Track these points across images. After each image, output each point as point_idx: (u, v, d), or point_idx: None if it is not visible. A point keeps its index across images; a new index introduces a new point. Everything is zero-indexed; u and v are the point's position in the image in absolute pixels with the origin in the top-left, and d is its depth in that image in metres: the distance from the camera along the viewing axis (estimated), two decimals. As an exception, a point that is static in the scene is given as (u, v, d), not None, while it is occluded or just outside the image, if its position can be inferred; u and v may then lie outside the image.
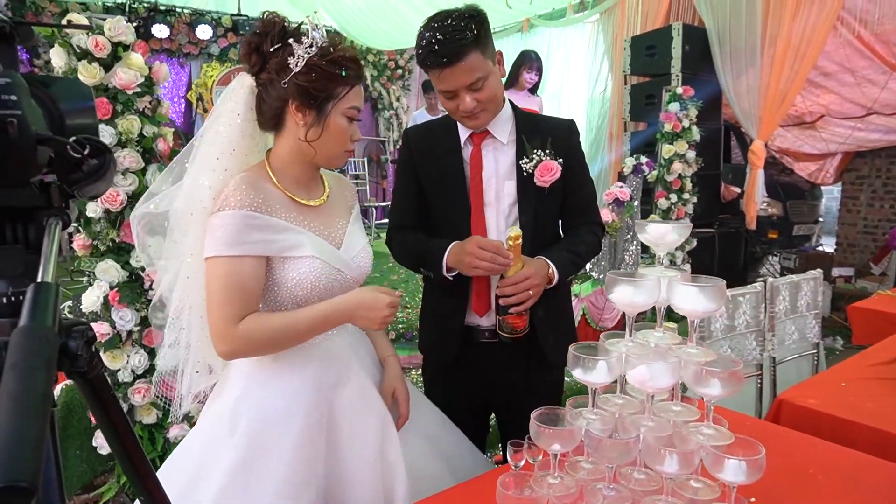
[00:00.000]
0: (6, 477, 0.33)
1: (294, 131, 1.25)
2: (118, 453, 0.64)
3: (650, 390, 0.97)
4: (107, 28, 2.31)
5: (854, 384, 1.82)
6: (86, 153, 0.51)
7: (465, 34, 1.37)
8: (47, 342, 0.41)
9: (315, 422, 1.23)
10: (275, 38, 1.20)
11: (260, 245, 1.19)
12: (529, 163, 1.51)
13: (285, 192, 1.26)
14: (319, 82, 1.21)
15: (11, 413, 0.35)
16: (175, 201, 1.23)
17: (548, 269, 1.45)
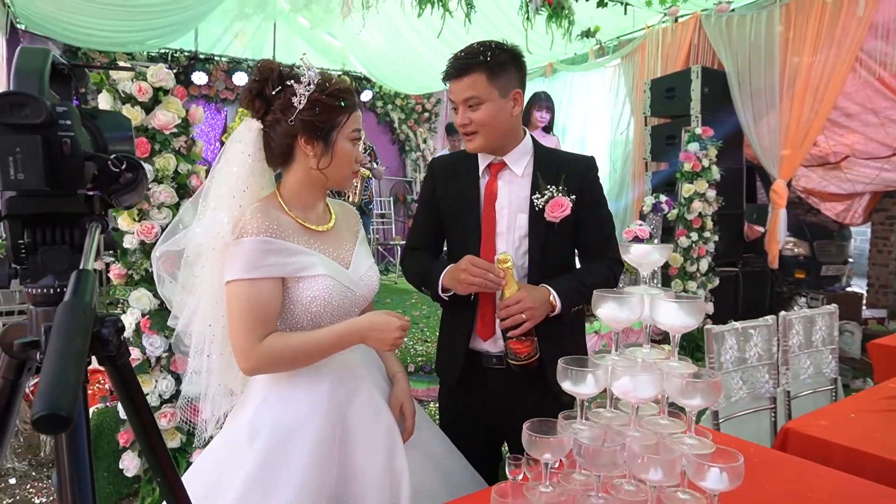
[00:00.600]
0: (50, 407, 0.42)
1: (304, 163, 1.36)
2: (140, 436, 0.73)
3: (634, 401, 1.02)
4: (149, 74, 2.51)
5: (863, 416, 1.82)
6: (123, 168, 0.62)
7: (478, 57, 1.52)
8: (85, 314, 0.50)
9: (329, 431, 1.31)
10: (275, 81, 1.31)
11: (276, 267, 1.29)
12: (541, 198, 1.58)
13: (296, 219, 1.37)
14: (323, 115, 1.32)
15: (55, 364, 0.45)
16: (195, 237, 1.32)
17: (549, 295, 1.51)
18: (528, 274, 1.61)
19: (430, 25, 4.86)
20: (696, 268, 4.66)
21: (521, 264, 1.61)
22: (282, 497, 1.22)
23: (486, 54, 1.53)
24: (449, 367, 1.71)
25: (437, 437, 1.56)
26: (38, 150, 0.54)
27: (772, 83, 5.12)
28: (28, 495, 2.92)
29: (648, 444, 1.01)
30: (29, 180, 0.54)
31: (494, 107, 1.56)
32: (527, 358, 1.50)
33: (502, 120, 1.58)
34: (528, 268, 1.60)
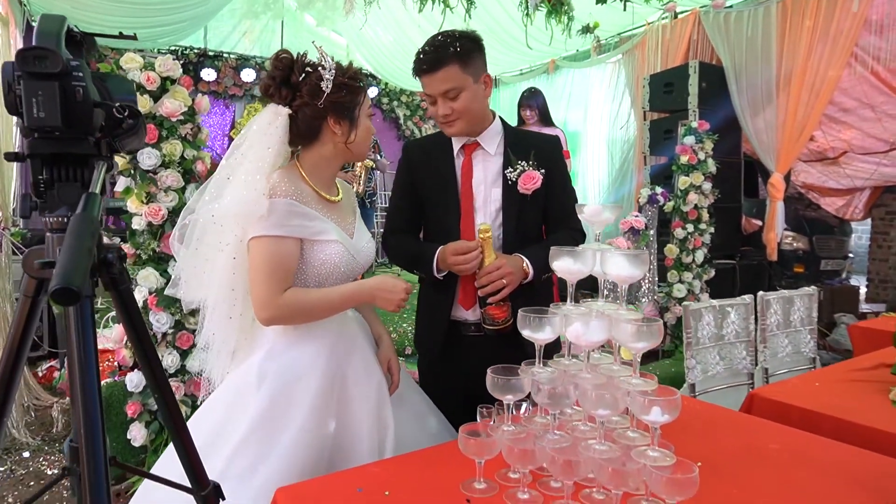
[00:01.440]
0: (64, 281, 0.53)
1: (331, 140, 1.50)
2: (140, 357, 0.85)
3: (585, 344, 1.13)
4: (157, 64, 2.64)
5: (827, 385, 1.91)
6: (126, 115, 0.74)
7: (448, 49, 1.61)
8: (93, 222, 0.62)
9: (329, 381, 1.44)
10: (299, 69, 1.45)
11: (299, 228, 1.42)
12: (513, 172, 1.71)
13: (314, 188, 1.50)
14: (349, 96, 1.46)
15: (69, 254, 0.56)
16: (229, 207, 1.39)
17: (522, 262, 1.63)
18: (502, 244, 1.72)
19: (432, 20, 4.98)
20: (692, 259, 4.74)
21: (496, 235, 1.72)
22: (285, 437, 1.35)
23: (456, 45, 1.62)
24: (430, 338, 1.82)
25: (418, 395, 1.68)
26: (56, 95, 0.67)
27: (769, 78, 5.20)
28: (41, 467, 3.07)
29: (599, 383, 1.12)
30: (48, 119, 0.66)
31: (471, 93, 1.66)
32: (503, 322, 1.62)
33: (478, 104, 1.69)
34: (503, 238, 1.72)
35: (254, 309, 1.42)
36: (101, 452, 0.68)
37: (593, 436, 1.15)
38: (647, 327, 1.08)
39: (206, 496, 0.98)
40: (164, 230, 2.66)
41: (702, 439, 1.43)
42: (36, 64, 0.65)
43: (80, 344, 0.67)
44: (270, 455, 1.33)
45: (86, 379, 0.67)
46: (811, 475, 1.27)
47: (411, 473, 1.26)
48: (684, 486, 1.00)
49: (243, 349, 1.52)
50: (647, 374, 1.14)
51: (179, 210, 2.72)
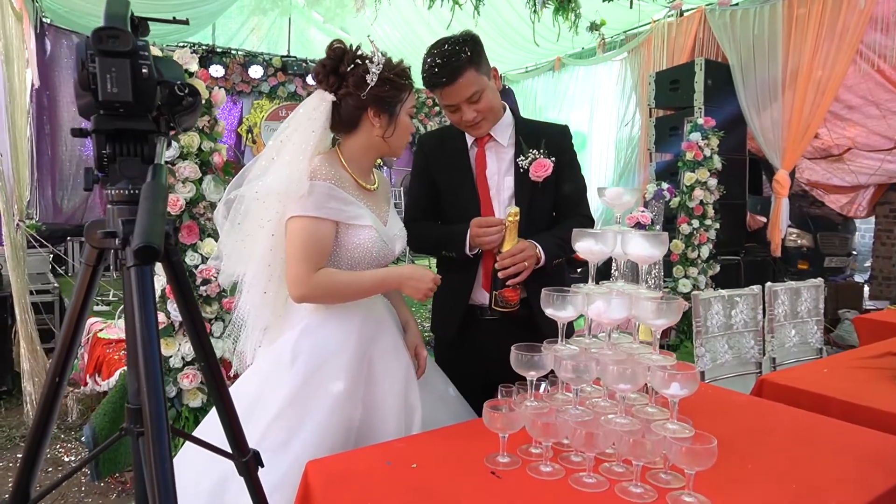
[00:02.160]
0: (146, 239, 0.58)
1: (369, 131, 1.54)
2: (189, 327, 0.90)
3: (607, 322, 1.18)
4: (175, 56, 2.69)
5: (836, 371, 1.96)
6: (186, 92, 0.78)
7: (460, 56, 1.62)
8: (163, 189, 0.67)
9: (359, 361, 1.49)
10: (349, 60, 1.50)
11: (336, 212, 1.47)
12: (525, 160, 1.76)
13: (352, 175, 1.56)
14: (392, 91, 1.51)
15: (146, 214, 0.61)
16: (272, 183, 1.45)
17: (535, 249, 1.67)
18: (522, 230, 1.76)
19: (441, 19, 5.02)
20: (697, 254, 4.78)
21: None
22: (317, 414, 1.40)
23: (465, 49, 1.63)
24: (448, 321, 1.86)
25: (442, 379, 1.73)
26: (127, 71, 0.71)
27: (774, 75, 5.23)
28: (58, 454, 3.12)
29: (619, 359, 1.16)
30: (121, 94, 0.71)
31: (490, 92, 1.71)
32: (514, 305, 1.66)
33: (496, 99, 1.74)
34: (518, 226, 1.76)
35: (287, 285, 1.47)
36: (163, 412, 0.72)
37: (614, 410, 1.20)
38: (666, 304, 1.13)
39: (246, 462, 1.02)
40: (181, 220, 2.71)
41: (715, 420, 1.47)
42: (109, 42, 0.70)
43: (143, 306, 0.72)
44: (302, 430, 1.38)
45: (147, 340, 0.72)
46: (820, 453, 1.32)
47: (437, 448, 1.30)
48: (703, 457, 1.05)
49: (275, 328, 1.57)
50: (665, 352, 1.19)
51: (197, 201, 2.78)
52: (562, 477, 1.16)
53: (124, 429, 0.85)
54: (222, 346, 2.83)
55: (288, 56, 7.84)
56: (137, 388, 0.79)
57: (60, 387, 0.84)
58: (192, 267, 2.73)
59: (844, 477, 1.20)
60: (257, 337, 1.56)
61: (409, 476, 1.19)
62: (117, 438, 0.85)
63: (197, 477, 1.38)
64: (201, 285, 2.74)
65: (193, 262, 2.73)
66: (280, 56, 7.80)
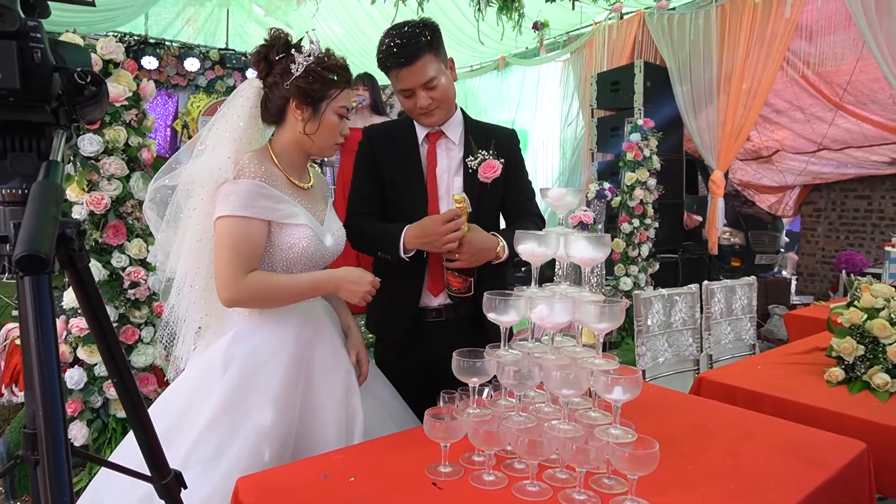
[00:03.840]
0: (30, 248, 0.51)
1: (294, 125, 1.48)
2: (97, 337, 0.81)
3: (550, 326, 1.16)
4: (99, 47, 2.53)
5: (768, 368, 2.01)
6: (88, 80, 0.70)
7: (420, 39, 1.60)
8: (57, 189, 0.59)
9: (296, 366, 1.42)
10: (279, 48, 1.45)
11: (266, 210, 1.40)
12: (474, 161, 1.73)
13: (284, 173, 1.49)
14: (315, 85, 1.44)
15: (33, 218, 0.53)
16: (195, 172, 1.41)
17: (497, 243, 1.64)
18: None
19: (385, 13, 4.95)
20: (638, 253, 4.89)
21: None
22: (250, 423, 1.32)
23: (426, 33, 1.61)
24: (395, 324, 1.80)
25: (383, 383, 1.68)
26: (14, 54, 0.63)
27: (710, 79, 5.41)
28: None
29: (562, 364, 1.14)
30: (5, 80, 0.63)
31: (445, 79, 1.68)
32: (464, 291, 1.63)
33: (451, 89, 1.71)
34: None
35: (217, 289, 1.39)
36: (61, 438, 0.64)
37: (557, 416, 1.18)
38: (609, 308, 1.11)
39: (166, 485, 0.94)
40: (106, 220, 2.55)
41: (657, 420, 1.48)
42: (-10, 22, 0.61)
43: (38, 321, 0.63)
44: (235, 441, 1.30)
45: (44, 359, 0.64)
46: (757, 450, 1.34)
47: (376, 459, 1.25)
48: (645, 462, 1.04)
49: (211, 329, 1.49)
50: (608, 355, 1.18)
51: (123, 199, 2.62)
52: (505, 486, 1.13)
53: (20, 456, 0.76)
54: (153, 352, 2.69)
55: (226, 49, 7.56)
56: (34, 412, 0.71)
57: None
58: (120, 269, 2.57)
59: (781, 473, 1.22)
60: (191, 340, 1.47)
61: (346, 490, 1.14)
62: (12, 467, 0.76)
63: (120, 498, 1.28)
64: (129, 288, 2.59)
65: (120, 265, 2.57)
66: (218, 49, 7.52)
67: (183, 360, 1.49)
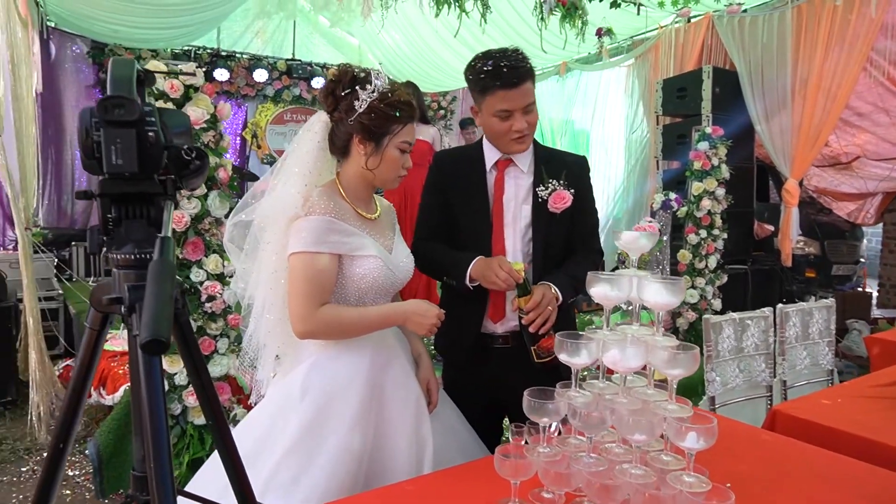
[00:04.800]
0: (154, 333, 0.56)
1: (357, 159, 1.53)
2: (196, 386, 0.87)
3: (622, 370, 1.15)
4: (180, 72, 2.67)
5: (849, 401, 1.93)
6: (193, 156, 0.76)
7: (527, 64, 1.67)
8: (171, 266, 0.64)
9: (369, 393, 1.48)
10: (345, 84, 1.50)
11: (337, 245, 1.46)
12: (545, 191, 1.73)
13: (352, 205, 1.54)
14: (378, 121, 1.49)
15: (154, 301, 0.59)
16: (266, 209, 1.49)
17: (552, 290, 1.65)
18: (532, 260, 1.75)
19: (448, 25, 4.98)
20: (705, 264, 4.74)
21: (526, 252, 1.75)
22: (327, 450, 1.38)
23: (527, 60, 1.67)
24: (458, 348, 1.84)
25: (452, 411, 1.71)
26: (133, 142, 0.69)
27: (783, 83, 5.18)
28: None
29: (635, 408, 1.14)
30: (126, 165, 0.69)
31: (536, 108, 1.72)
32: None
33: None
34: (532, 254, 1.75)
35: (291, 321, 1.46)
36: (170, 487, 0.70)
37: (628, 458, 1.17)
38: (683, 354, 1.10)
39: (253, 517, 1.00)
40: (186, 237, 2.69)
41: (728, 458, 1.45)
42: (115, 112, 0.68)
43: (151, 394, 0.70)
44: (312, 467, 1.36)
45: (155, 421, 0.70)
46: (835, 496, 1.29)
47: (447, 491, 1.28)
48: (720, 513, 1.02)
49: (288, 357, 1.56)
50: (681, 399, 1.16)
51: (202, 217, 2.76)
52: (575, 527, 1.14)
53: (130, 496, 0.82)
54: (227, 362, 2.82)
55: (293, 59, 7.81)
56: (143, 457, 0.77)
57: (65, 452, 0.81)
58: (197, 283, 2.71)
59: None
60: (271, 366, 1.55)
61: (418, 524, 1.17)
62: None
63: None
64: (206, 302, 2.72)
65: (198, 279, 2.71)
66: (285, 59, 7.77)
67: (264, 385, 1.57)
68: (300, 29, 7.57)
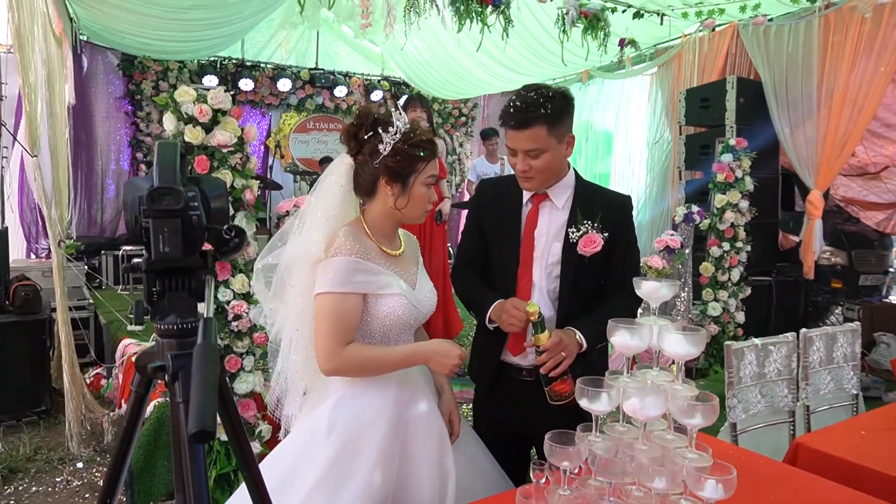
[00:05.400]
0: (201, 425, 0.60)
1: (384, 199, 1.57)
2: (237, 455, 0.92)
3: (642, 418, 1.17)
4: (210, 97, 2.74)
5: (873, 433, 1.91)
6: (233, 235, 0.81)
7: (539, 109, 1.61)
8: (214, 350, 0.69)
9: (393, 429, 1.52)
10: (367, 127, 1.54)
11: (362, 285, 1.50)
12: (576, 233, 1.72)
13: (377, 243, 1.58)
14: (403, 162, 1.53)
15: (199, 391, 0.63)
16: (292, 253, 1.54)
17: (576, 336, 1.66)
18: (558, 299, 1.75)
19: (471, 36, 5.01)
20: (728, 277, 4.71)
21: (552, 288, 1.75)
22: (353, 484, 1.42)
23: (546, 105, 1.61)
24: (482, 373, 1.89)
25: (474, 441, 1.75)
26: (179, 230, 0.74)
27: (809, 93, 5.12)
28: (94, 479, 3.20)
29: (654, 456, 1.16)
30: (172, 252, 0.74)
31: (552, 154, 1.67)
32: (569, 396, 1.62)
33: (557, 164, 1.71)
34: (559, 293, 1.75)
35: (317, 359, 1.50)
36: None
37: (648, 503, 1.19)
38: (702, 406, 1.12)
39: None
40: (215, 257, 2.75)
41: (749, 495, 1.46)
42: (162, 201, 0.72)
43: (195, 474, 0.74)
44: (339, 502, 1.40)
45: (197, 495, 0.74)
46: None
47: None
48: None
49: (315, 393, 1.61)
50: (701, 447, 1.18)
51: (229, 237, 2.82)
52: (595, 572, 1.16)
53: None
54: (253, 379, 2.89)
55: (316, 68, 7.91)
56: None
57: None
58: (224, 303, 2.77)
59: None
60: (298, 402, 1.59)
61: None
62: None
63: None
64: (233, 321, 2.78)
65: (225, 298, 2.77)
66: (308, 69, 7.88)
67: (291, 420, 1.61)
68: (323, 38, 7.67)
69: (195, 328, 0.80)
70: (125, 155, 7.09)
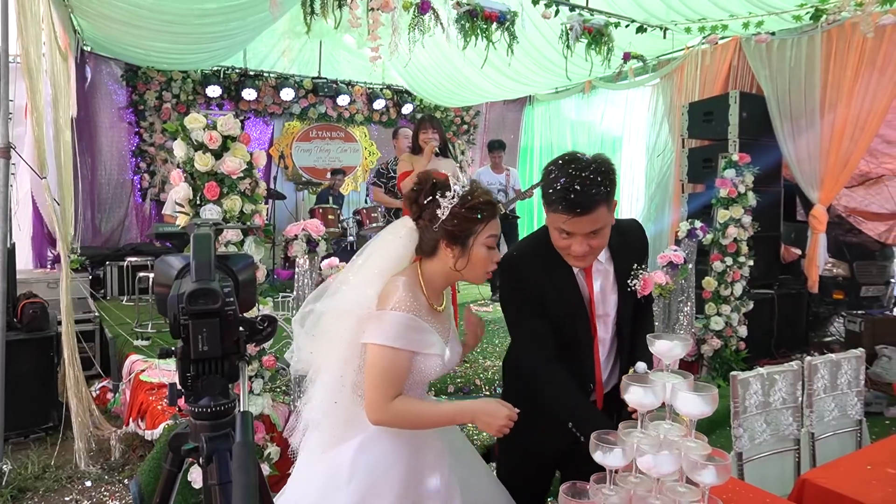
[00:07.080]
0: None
1: (445, 260, 1.60)
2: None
3: (655, 475, 1.20)
4: (220, 124, 2.76)
5: (879, 468, 1.94)
6: (266, 325, 0.83)
7: (600, 189, 1.52)
8: (251, 448, 0.71)
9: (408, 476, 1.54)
10: (426, 192, 1.58)
11: (416, 343, 1.53)
12: (637, 283, 1.74)
13: (428, 300, 1.61)
14: (461, 225, 1.56)
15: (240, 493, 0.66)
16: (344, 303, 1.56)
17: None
18: (617, 346, 1.80)
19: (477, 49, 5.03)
20: (731, 292, 4.74)
21: (608, 336, 1.79)
22: None
23: (606, 184, 1.53)
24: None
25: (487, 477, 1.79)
26: (217, 329, 0.76)
27: (812, 108, 5.14)
28: (103, 498, 3.22)
29: (667, 512, 1.18)
30: (211, 351, 0.76)
31: (608, 228, 1.62)
32: None
33: (609, 232, 1.64)
34: (617, 341, 1.80)
35: (365, 409, 1.52)
36: None
37: (661, 557, 1.22)
38: (714, 464, 1.14)
39: None
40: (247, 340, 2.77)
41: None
42: (201, 302, 0.75)
43: None
44: None
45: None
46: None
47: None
48: None
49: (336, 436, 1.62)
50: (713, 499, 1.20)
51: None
52: None
53: None
54: (262, 402, 2.91)
55: (318, 78, 7.93)
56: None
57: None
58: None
59: None
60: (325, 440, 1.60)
61: None
62: None
63: None
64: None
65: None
66: (311, 78, 7.90)
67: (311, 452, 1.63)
68: (326, 47, 7.68)
69: (228, 409, 0.82)
70: (129, 164, 7.11)
